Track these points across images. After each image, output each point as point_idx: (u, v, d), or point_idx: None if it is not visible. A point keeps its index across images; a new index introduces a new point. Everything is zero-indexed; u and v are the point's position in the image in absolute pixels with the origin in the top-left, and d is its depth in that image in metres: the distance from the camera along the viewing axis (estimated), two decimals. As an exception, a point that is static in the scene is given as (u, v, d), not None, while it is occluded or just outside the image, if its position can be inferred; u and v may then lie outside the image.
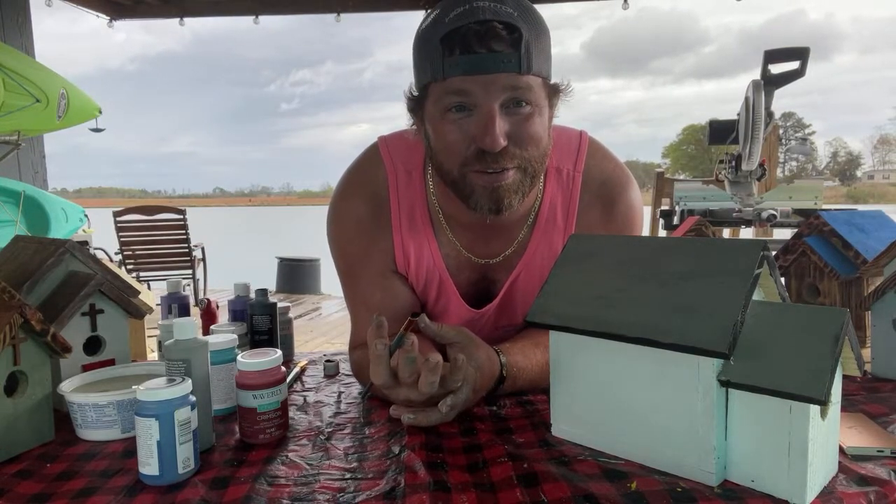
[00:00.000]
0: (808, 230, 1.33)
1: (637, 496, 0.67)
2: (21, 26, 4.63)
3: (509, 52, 0.84)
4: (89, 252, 1.08)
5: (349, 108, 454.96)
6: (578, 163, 1.05)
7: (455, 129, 0.89)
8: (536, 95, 0.89)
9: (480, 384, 0.88)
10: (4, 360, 0.82)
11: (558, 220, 1.05)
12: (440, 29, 0.86)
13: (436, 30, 0.87)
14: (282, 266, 8.09)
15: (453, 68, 0.84)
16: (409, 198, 1.06)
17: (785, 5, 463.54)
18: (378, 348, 0.82)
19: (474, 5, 0.85)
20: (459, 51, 0.84)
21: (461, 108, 0.88)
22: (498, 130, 0.85)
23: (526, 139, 0.89)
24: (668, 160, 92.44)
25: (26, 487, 0.74)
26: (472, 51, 0.83)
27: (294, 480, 0.74)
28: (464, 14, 0.84)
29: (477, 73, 0.84)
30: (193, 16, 5.74)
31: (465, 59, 0.84)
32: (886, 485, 0.67)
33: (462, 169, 0.91)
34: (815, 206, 2.41)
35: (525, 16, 0.86)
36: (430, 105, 0.91)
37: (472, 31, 0.83)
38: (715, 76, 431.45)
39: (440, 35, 0.85)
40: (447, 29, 0.84)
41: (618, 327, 0.75)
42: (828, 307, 0.69)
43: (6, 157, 3.86)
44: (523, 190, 0.93)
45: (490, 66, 0.84)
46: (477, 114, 0.87)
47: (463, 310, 1.09)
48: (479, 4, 0.85)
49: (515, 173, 0.91)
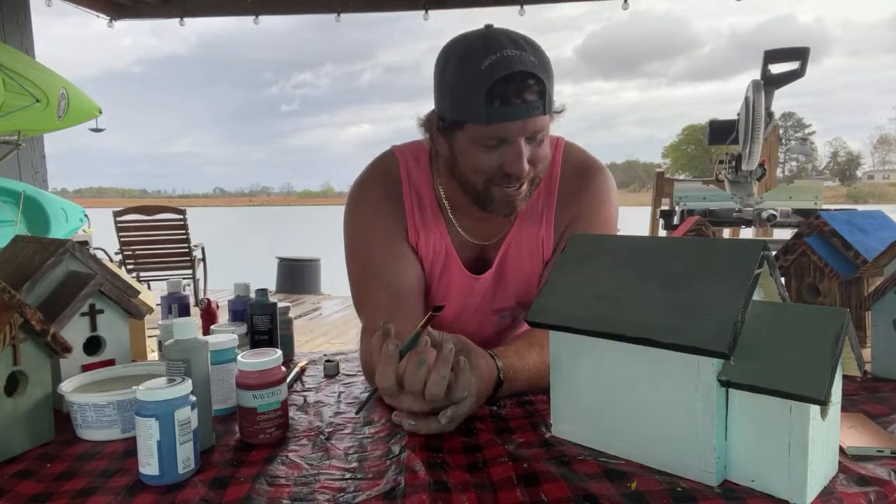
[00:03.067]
0: (808, 230, 1.33)
1: (637, 496, 0.67)
2: (21, 26, 4.63)
3: (537, 101, 1.00)
4: (89, 252, 1.08)
5: (350, 108, 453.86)
6: (557, 152, 1.21)
7: (487, 156, 1.04)
8: (547, 128, 1.05)
9: (481, 391, 0.91)
10: (4, 360, 0.82)
11: (540, 199, 1.20)
12: (477, 77, 0.98)
13: (472, 76, 0.99)
14: (282, 266, 8.09)
15: (496, 116, 0.99)
16: (418, 182, 1.19)
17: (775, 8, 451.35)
18: (389, 348, 0.84)
19: (505, 54, 0.97)
20: (500, 102, 0.98)
21: (499, 144, 1.03)
22: (525, 161, 1.02)
23: (539, 161, 1.06)
24: (668, 160, 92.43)
25: (26, 487, 0.74)
26: (511, 102, 0.98)
27: (294, 480, 0.74)
28: (499, 64, 0.97)
29: (514, 120, 0.99)
30: (193, 16, 5.74)
31: (504, 111, 0.98)
32: (886, 485, 0.67)
33: (487, 184, 1.06)
34: (815, 206, 2.41)
35: (542, 62, 1.00)
36: (464, 135, 1.04)
37: (511, 86, 0.97)
38: (708, 78, 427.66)
39: (480, 85, 0.97)
40: (487, 81, 0.97)
41: (618, 327, 0.75)
42: (828, 307, 0.69)
43: (6, 157, 3.86)
44: (529, 195, 1.11)
45: (523, 114, 0.99)
46: (508, 147, 1.03)
47: (465, 277, 1.20)
48: (508, 54, 0.97)
49: (527, 186, 1.08)
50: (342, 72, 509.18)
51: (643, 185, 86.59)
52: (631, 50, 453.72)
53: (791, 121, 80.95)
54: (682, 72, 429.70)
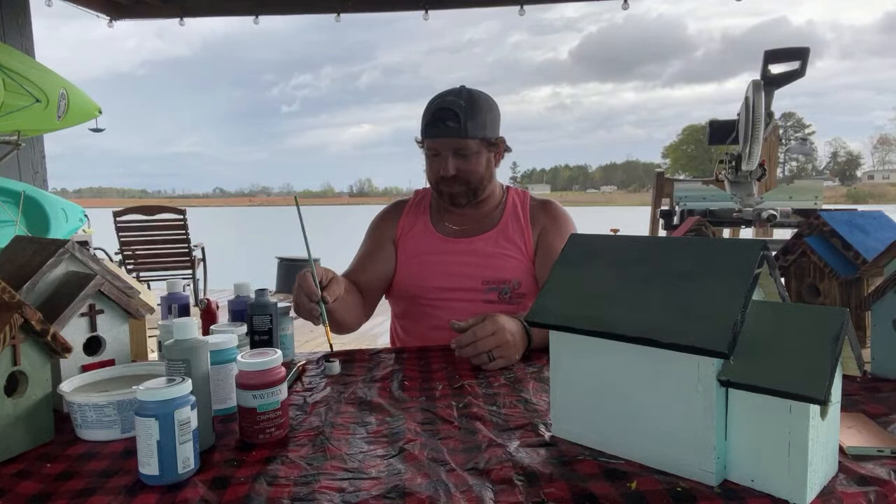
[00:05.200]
0: (808, 230, 1.33)
1: (637, 496, 0.67)
2: (21, 27, 4.62)
3: (455, 127, 1.48)
4: (89, 252, 1.08)
5: (350, 109, 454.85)
6: (525, 196, 1.70)
7: (431, 164, 1.57)
8: (472, 149, 1.52)
9: (509, 324, 1.21)
10: (4, 360, 0.82)
11: (518, 210, 1.65)
12: (426, 110, 1.54)
13: (427, 108, 1.54)
14: (282, 266, 8.08)
15: (428, 134, 1.53)
16: (422, 196, 1.74)
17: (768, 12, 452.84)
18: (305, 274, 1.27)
19: (444, 97, 1.52)
20: (430, 125, 1.51)
21: (436, 154, 1.55)
22: (450, 167, 1.52)
23: (468, 172, 1.54)
24: (667, 160, 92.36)
25: (26, 487, 0.74)
26: (436, 125, 1.50)
27: (294, 480, 0.74)
28: (436, 101, 1.53)
29: (436, 138, 1.52)
30: (193, 16, 5.73)
31: (433, 130, 1.51)
32: (886, 485, 0.67)
33: (436, 183, 1.59)
34: (815, 206, 2.41)
35: (471, 106, 1.50)
36: (423, 149, 1.59)
37: (437, 115, 1.50)
38: (703, 81, 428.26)
39: (425, 115, 1.54)
40: (428, 112, 1.53)
41: (618, 327, 0.75)
42: (828, 307, 0.69)
43: (6, 157, 3.85)
44: (468, 195, 1.58)
45: (444, 134, 1.50)
46: (440, 157, 1.54)
47: (442, 240, 1.62)
48: (447, 97, 1.52)
49: (460, 185, 1.55)
50: (342, 73, 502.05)
51: (643, 185, 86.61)
52: (625, 53, 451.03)
53: (791, 121, 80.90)
54: (676, 74, 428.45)
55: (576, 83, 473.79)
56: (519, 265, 1.56)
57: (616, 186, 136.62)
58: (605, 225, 11.06)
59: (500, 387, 1.06)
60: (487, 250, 1.58)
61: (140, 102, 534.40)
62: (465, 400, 1.00)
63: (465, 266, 1.57)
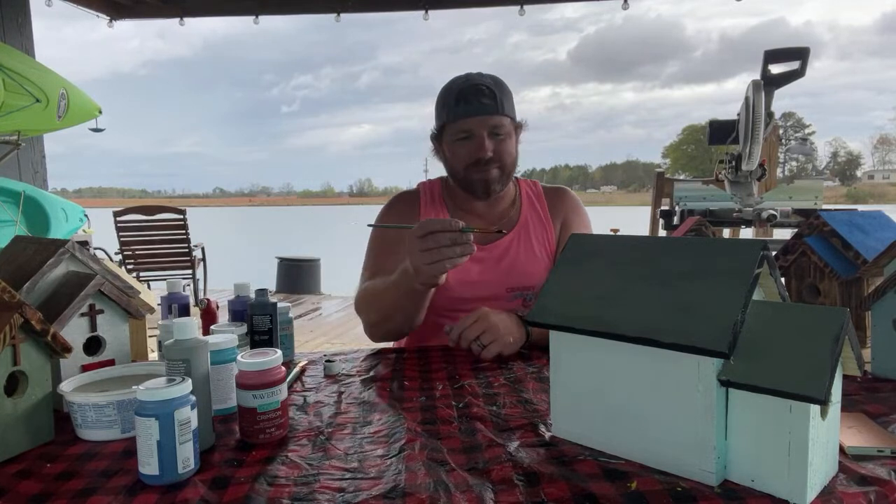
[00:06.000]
0: (808, 230, 1.33)
1: (637, 496, 0.67)
2: (21, 27, 4.62)
3: (491, 104, 1.40)
4: (89, 252, 1.08)
5: (350, 109, 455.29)
6: (536, 186, 1.64)
7: (461, 148, 1.44)
8: (507, 128, 1.44)
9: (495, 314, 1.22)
10: (4, 360, 0.82)
11: (535, 202, 1.59)
12: (448, 90, 1.44)
13: (446, 92, 1.45)
14: (282, 266, 8.08)
15: (460, 114, 1.41)
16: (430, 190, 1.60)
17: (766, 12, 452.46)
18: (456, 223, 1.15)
19: (468, 76, 1.45)
20: (462, 103, 1.40)
21: (467, 137, 1.43)
22: (487, 147, 1.40)
23: (503, 152, 1.43)
24: (667, 160, 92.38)
25: (26, 487, 0.74)
26: (470, 102, 1.40)
27: (294, 480, 0.74)
28: (462, 80, 1.45)
29: (473, 116, 1.40)
30: (193, 16, 5.73)
31: (465, 109, 1.40)
32: (886, 485, 0.67)
33: (466, 170, 1.45)
34: (815, 206, 2.41)
35: (497, 84, 1.44)
36: (446, 136, 1.46)
37: (469, 93, 1.40)
38: (702, 81, 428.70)
39: (450, 95, 1.43)
40: (454, 91, 1.42)
41: (618, 327, 0.75)
42: (828, 307, 0.69)
43: (6, 157, 3.86)
44: (503, 182, 1.47)
45: (480, 112, 1.40)
46: (474, 139, 1.42)
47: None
48: (470, 76, 1.45)
49: (497, 171, 1.44)
50: (342, 73, 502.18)
51: (643, 184, 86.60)
52: (624, 53, 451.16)
53: (791, 121, 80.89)
54: (675, 74, 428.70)
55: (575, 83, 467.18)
56: (545, 267, 1.48)
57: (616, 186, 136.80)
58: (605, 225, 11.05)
59: (500, 387, 1.06)
60: (511, 254, 1.48)
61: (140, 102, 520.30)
62: (465, 400, 1.00)
63: (488, 273, 1.46)
